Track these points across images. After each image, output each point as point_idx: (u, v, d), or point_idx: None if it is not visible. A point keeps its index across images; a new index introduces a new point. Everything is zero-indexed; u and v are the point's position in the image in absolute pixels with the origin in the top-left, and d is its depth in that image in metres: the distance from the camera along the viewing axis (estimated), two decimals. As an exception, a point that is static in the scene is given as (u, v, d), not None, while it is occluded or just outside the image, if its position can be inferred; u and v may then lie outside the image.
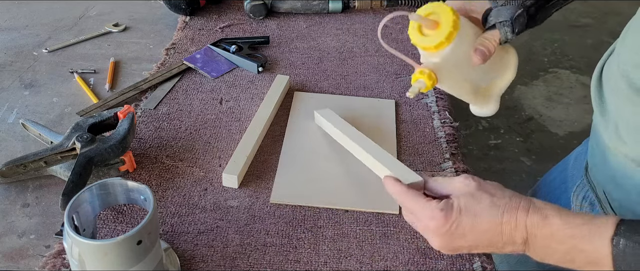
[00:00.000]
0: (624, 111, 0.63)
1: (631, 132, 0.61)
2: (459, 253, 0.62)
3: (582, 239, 0.51)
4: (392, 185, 0.62)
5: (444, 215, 0.55)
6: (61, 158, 0.75)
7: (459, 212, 0.55)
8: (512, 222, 0.54)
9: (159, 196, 0.75)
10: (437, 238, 0.57)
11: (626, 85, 0.61)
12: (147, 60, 1.07)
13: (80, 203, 0.57)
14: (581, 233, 0.51)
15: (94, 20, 1.19)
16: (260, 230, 0.70)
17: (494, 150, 2.28)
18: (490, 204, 0.55)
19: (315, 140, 0.85)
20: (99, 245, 0.52)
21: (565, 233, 0.52)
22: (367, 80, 1.00)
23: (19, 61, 1.04)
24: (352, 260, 0.67)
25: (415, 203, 0.59)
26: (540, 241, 0.53)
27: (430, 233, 0.57)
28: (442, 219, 0.55)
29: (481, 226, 0.55)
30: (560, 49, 3.00)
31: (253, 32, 1.14)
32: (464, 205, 0.56)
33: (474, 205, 0.55)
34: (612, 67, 0.67)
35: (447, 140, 0.86)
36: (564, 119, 2.48)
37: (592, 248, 0.51)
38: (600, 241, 0.50)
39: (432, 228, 0.56)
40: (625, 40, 0.65)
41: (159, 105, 0.92)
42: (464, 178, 0.58)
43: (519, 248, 0.55)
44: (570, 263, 0.53)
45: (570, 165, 0.86)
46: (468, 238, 0.55)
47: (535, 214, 0.53)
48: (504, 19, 0.66)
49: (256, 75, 1.01)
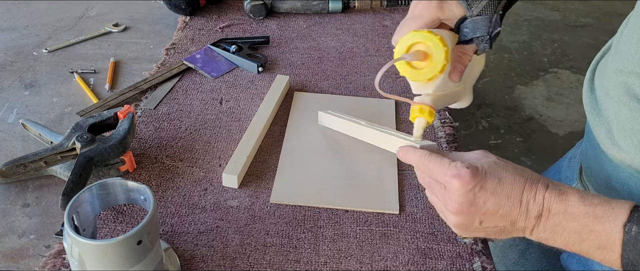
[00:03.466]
0: (619, 116, 0.62)
1: (627, 138, 0.61)
2: (469, 229, 0.57)
3: (595, 219, 0.50)
4: (409, 152, 0.60)
5: (470, 172, 0.53)
6: (61, 158, 0.75)
7: (485, 173, 0.54)
8: (533, 191, 0.53)
9: (159, 196, 0.75)
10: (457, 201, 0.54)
11: (623, 91, 0.60)
12: (147, 60, 1.07)
13: (80, 203, 0.57)
14: (595, 212, 0.51)
15: (94, 20, 1.19)
16: (260, 230, 0.70)
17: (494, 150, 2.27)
18: (515, 172, 0.55)
19: (315, 140, 0.85)
20: (99, 245, 0.52)
21: (580, 210, 0.51)
22: (367, 80, 1.00)
23: (19, 61, 1.04)
24: (352, 260, 0.67)
25: (439, 164, 0.56)
26: (552, 218, 0.52)
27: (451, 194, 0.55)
28: (468, 175, 0.53)
29: (504, 190, 0.53)
30: (560, 49, 3.00)
31: (253, 32, 1.14)
32: (488, 169, 0.55)
33: (499, 170, 0.55)
34: (607, 69, 0.66)
35: (447, 140, 0.86)
36: (564, 119, 2.48)
37: (604, 230, 0.50)
38: (613, 225, 0.49)
39: (455, 187, 0.54)
40: (620, 44, 0.63)
41: (159, 105, 0.92)
42: (482, 151, 0.57)
43: (531, 223, 0.53)
44: (579, 244, 0.52)
45: (564, 167, 0.86)
46: (488, 204, 0.54)
47: (555, 189, 0.53)
48: (482, 34, 0.65)
49: (256, 75, 1.01)
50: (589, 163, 0.72)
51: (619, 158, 0.62)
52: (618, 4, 3.33)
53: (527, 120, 2.48)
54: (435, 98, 0.66)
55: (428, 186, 0.59)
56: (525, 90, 2.68)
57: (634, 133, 0.59)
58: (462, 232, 0.58)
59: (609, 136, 0.64)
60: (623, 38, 0.63)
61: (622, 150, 0.62)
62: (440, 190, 0.57)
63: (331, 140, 0.84)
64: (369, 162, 0.80)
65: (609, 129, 0.64)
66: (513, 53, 2.97)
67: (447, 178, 0.55)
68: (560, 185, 0.54)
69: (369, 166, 0.79)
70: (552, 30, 3.16)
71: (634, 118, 0.59)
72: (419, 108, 0.65)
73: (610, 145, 0.63)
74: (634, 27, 0.60)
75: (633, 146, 0.60)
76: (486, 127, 2.42)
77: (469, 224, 0.56)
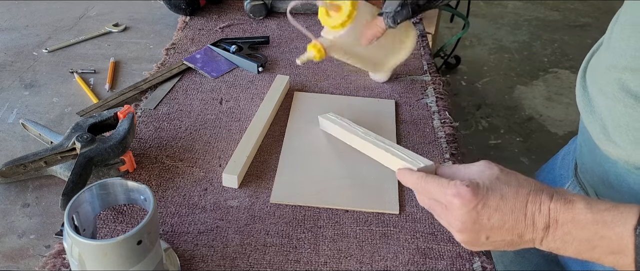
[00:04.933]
0: (613, 112, 0.62)
1: (623, 134, 0.60)
2: (477, 244, 0.57)
3: (604, 225, 0.50)
4: (407, 176, 0.60)
5: (471, 190, 0.53)
6: (61, 158, 0.75)
7: (486, 190, 0.53)
8: (537, 203, 0.52)
9: (159, 196, 0.75)
10: (460, 220, 0.54)
11: (618, 87, 0.60)
12: (147, 60, 1.07)
13: (80, 203, 0.57)
14: (603, 219, 0.50)
15: (94, 20, 1.19)
16: (260, 230, 0.70)
17: (494, 150, 2.28)
18: (517, 184, 0.54)
19: (315, 140, 0.85)
20: (99, 245, 0.52)
21: (588, 218, 0.50)
22: (367, 80, 1.00)
23: (19, 61, 1.04)
24: (352, 260, 0.67)
25: (437, 185, 0.56)
26: (560, 228, 0.52)
27: (454, 213, 0.54)
28: (469, 194, 0.53)
29: (507, 205, 0.53)
30: (560, 49, 3.00)
31: (253, 32, 1.14)
32: (489, 185, 0.54)
33: (500, 185, 0.54)
34: (599, 65, 0.66)
35: (447, 140, 0.86)
36: (564, 119, 2.48)
37: (615, 235, 0.49)
38: (623, 229, 0.49)
39: (457, 207, 0.53)
40: (612, 41, 0.63)
41: (159, 105, 0.92)
42: (485, 163, 0.57)
43: (539, 235, 0.53)
44: (590, 251, 0.51)
45: (557, 165, 0.85)
46: (493, 220, 0.53)
47: (560, 199, 0.52)
48: (388, 10, 0.81)
49: (256, 75, 1.01)
50: (584, 160, 0.71)
51: (615, 154, 0.62)
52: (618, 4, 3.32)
53: (527, 120, 2.48)
54: (333, 44, 0.85)
55: (430, 208, 0.58)
56: (525, 90, 2.68)
57: (629, 129, 0.59)
58: (470, 248, 0.58)
59: (603, 132, 0.63)
60: (614, 35, 0.63)
61: (618, 146, 0.61)
62: (443, 210, 0.56)
63: (331, 140, 0.84)
64: (369, 162, 0.80)
65: (603, 125, 0.64)
66: (513, 53, 2.97)
67: (448, 198, 0.54)
68: (565, 194, 0.53)
69: (369, 166, 0.79)
70: (552, 30, 3.16)
71: (629, 114, 0.59)
72: (314, 43, 0.84)
73: (606, 142, 0.63)
74: (624, 23, 0.60)
75: (629, 142, 0.60)
76: (486, 127, 2.42)
77: (476, 240, 0.55)
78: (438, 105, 0.94)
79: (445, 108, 0.93)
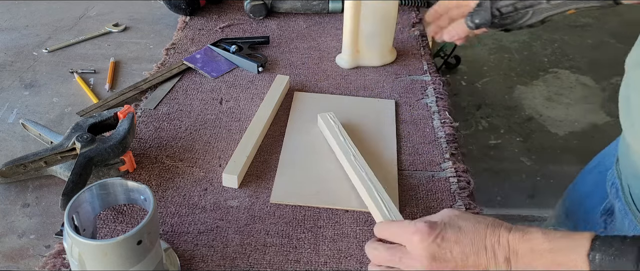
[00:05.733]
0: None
1: None
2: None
3: (560, 252, 0.52)
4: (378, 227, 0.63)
5: (428, 226, 0.56)
6: (61, 158, 0.75)
7: (444, 225, 0.56)
8: (495, 236, 0.55)
9: (159, 196, 0.75)
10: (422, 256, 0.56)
11: None
12: (147, 60, 1.07)
13: (80, 203, 0.57)
14: (559, 246, 0.52)
15: (94, 20, 1.19)
16: (260, 230, 0.70)
17: (494, 150, 2.28)
18: (475, 220, 0.57)
19: (316, 140, 0.85)
20: (99, 245, 0.52)
21: (544, 247, 0.53)
22: (367, 80, 1.00)
23: (19, 61, 1.04)
24: (352, 260, 0.67)
25: (399, 226, 0.59)
26: (521, 260, 0.54)
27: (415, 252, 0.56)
28: (426, 228, 0.56)
29: (467, 237, 0.55)
30: (560, 49, 3.00)
31: (253, 32, 1.14)
32: (447, 221, 0.57)
33: (458, 221, 0.57)
34: None
35: (447, 140, 0.86)
36: (564, 119, 2.48)
37: (570, 262, 0.52)
38: (577, 256, 0.51)
39: (416, 243, 0.56)
40: None
41: (159, 105, 0.92)
42: (446, 210, 0.60)
43: (501, 268, 0.55)
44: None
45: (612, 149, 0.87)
46: (455, 254, 0.55)
47: (517, 231, 0.55)
48: None
49: (256, 75, 1.01)
50: (621, 153, 0.73)
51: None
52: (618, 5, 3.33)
53: (527, 120, 2.48)
54: None
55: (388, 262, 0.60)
56: (525, 90, 2.68)
57: None
58: None
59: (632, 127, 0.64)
60: None
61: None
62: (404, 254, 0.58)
63: (331, 140, 0.84)
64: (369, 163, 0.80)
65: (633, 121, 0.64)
66: (513, 53, 2.97)
67: (407, 236, 0.57)
68: (522, 227, 0.55)
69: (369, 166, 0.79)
70: (552, 30, 3.16)
71: None
72: None
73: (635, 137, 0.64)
74: None
75: None
76: (486, 127, 2.42)
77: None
78: (438, 105, 0.94)
79: (445, 108, 0.93)
